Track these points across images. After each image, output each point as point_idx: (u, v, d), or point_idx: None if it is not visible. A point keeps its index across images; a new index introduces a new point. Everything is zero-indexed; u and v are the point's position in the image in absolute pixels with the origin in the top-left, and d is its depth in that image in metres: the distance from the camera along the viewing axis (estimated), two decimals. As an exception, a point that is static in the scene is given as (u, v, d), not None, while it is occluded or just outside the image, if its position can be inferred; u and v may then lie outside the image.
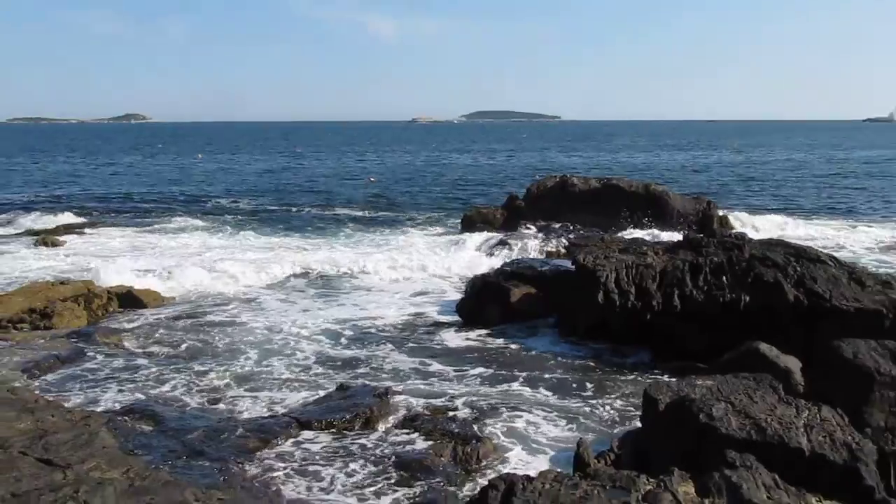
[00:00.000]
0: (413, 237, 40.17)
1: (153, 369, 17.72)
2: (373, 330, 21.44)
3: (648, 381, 13.41)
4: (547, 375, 17.54)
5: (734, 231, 32.30)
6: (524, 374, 17.71)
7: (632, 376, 17.22)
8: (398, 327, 21.76)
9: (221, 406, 15.62)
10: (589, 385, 16.84)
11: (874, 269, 24.49)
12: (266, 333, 20.57)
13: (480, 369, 18.01)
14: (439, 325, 21.78)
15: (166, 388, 16.49)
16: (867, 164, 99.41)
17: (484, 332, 21.06)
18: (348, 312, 23.45)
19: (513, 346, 19.77)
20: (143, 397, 15.87)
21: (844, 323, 16.52)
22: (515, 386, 16.87)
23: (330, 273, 28.10)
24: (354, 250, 34.84)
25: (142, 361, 18.32)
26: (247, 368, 17.86)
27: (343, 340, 20.50)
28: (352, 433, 13.80)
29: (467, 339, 20.62)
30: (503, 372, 17.83)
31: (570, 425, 14.68)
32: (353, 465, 12.46)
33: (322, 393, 16.16)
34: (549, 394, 16.37)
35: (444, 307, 23.60)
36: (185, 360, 18.51)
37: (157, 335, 20.53)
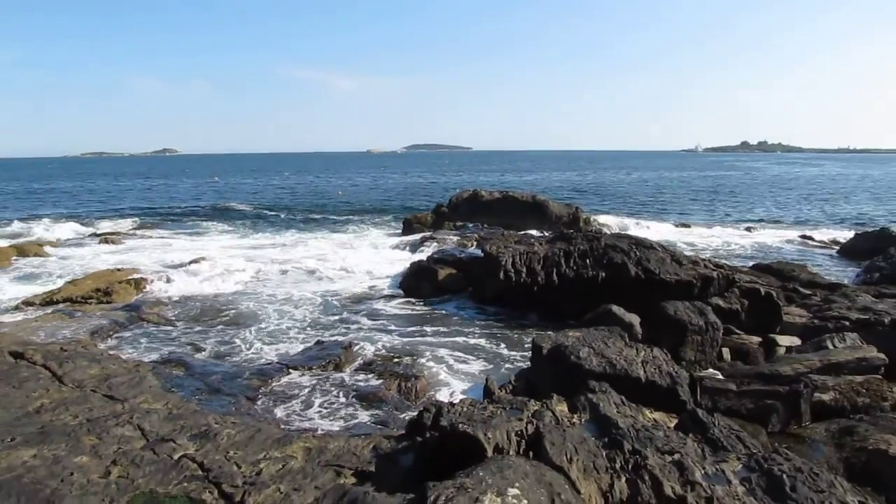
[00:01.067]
0: (370, 233, 40.50)
1: (184, 331, 17.70)
2: (340, 300, 21.42)
3: (536, 333, 13.66)
4: (465, 330, 17.69)
5: (594, 228, 32.90)
6: (448, 329, 17.87)
7: (524, 331, 17.42)
8: (359, 298, 21.75)
9: (233, 357, 15.64)
10: (494, 337, 17.05)
11: (688, 252, 25.28)
12: (264, 306, 20.48)
13: (417, 327, 18.09)
14: (388, 297, 21.82)
15: (193, 344, 16.46)
16: (682, 182, 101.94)
17: (420, 301, 21.14)
18: (324, 287, 23.47)
19: (440, 311, 19.87)
20: (178, 350, 15.85)
21: (668, 290, 17.00)
22: (442, 339, 16.95)
23: (309, 262, 27.96)
24: (329, 242, 34.86)
25: (176, 326, 18.27)
26: (252, 329, 17.84)
27: (319, 308, 20.47)
28: (325, 373, 13.93)
29: (407, 306, 20.72)
30: (433, 328, 17.93)
31: (481, 366, 14.89)
32: (326, 397, 12.57)
33: (303, 346, 16.23)
34: (467, 344, 16.51)
35: (391, 283, 23.72)
36: (206, 324, 18.49)
37: (187, 306, 20.43)
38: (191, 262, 26.28)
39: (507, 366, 14.89)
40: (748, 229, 42.68)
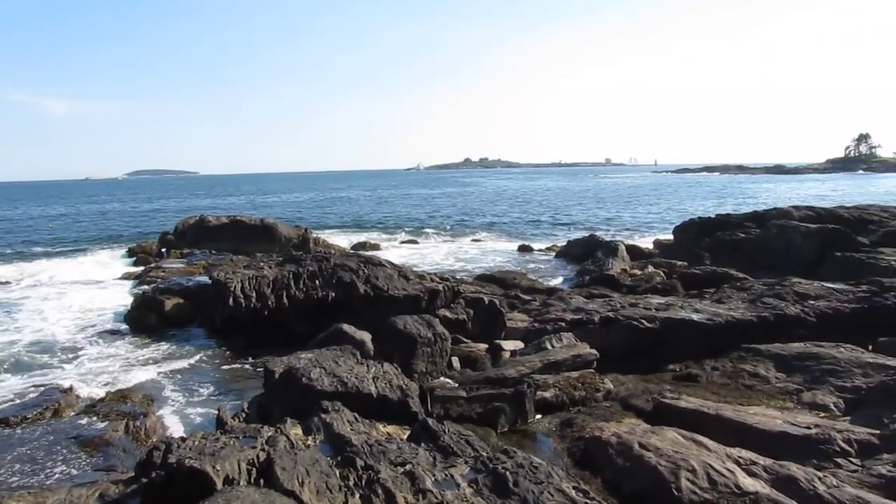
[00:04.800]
0: (90, 266, 37.33)
1: None
2: (57, 340, 19.71)
3: (268, 358, 13.44)
4: (196, 361, 16.98)
5: (322, 248, 33.06)
6: (178, 361, 17.05)
7: (257, 357, 17.04)
8: (78, 336, 20.16)
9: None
10: (226, 366, 16.59)
11: (425, 265, 26.12)
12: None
13: (145, 362, 17.12)
14: (112, 333, 20.41)
15: None
16: (406, 197, 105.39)
17: (147, 334, 19.93)
18: (36, 325, 21.51)
19: (169, 343, 18.85)
20: None
21: (397, 305, 17.43)
22: (172, 372, 16.13)
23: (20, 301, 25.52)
24: (46, 276, 32.16)
25: None
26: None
27: (34, 348, 18.72)
28: (42, 421, 12.70)
29: (134, 340, 19.49)
30: (162, 362, 17.03)
31: (213, 396, 14.39)
32: (44, 447, 11.40)
33: (14, 393, 14.69)
34: (198, 375, 15.90)
35: (115, 318, 22.25)
36: None
37: None
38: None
39: (240, 394, 14.48)
40: (475, 241, 44.98)
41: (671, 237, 35.93)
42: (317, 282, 19.01)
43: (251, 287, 19.14)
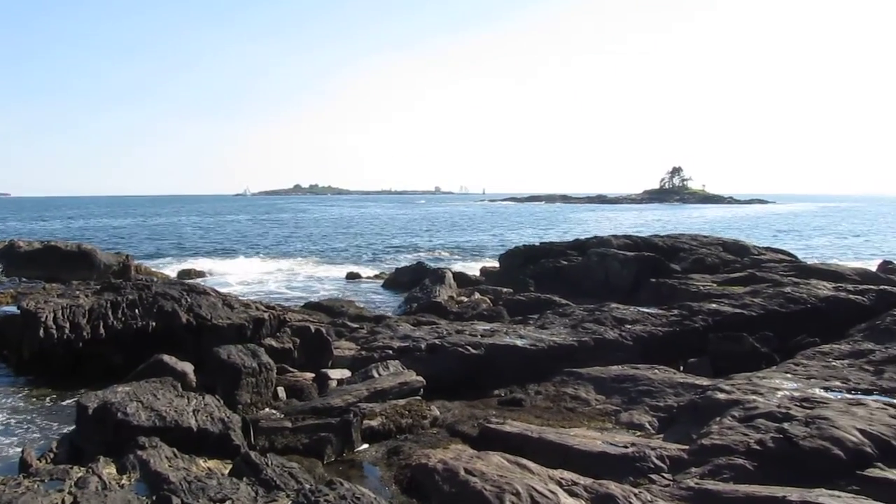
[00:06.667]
0: None
1: None
2: None
3: (82, 392, 12.65)
4: (-1, 400, 15.81)
5: (145, 276, 31.64)
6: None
7: (69, 392, 15.93)
8: None
9: None
10: (34, 403, 15.36)
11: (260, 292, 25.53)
12: None
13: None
14: None
15: None
16: (237, 223, 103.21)
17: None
18: None
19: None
20: None
21: (221, 335, 16.92)
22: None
23: None
24: None
25: None
26: None
27: None
28: None
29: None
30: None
31: (18, 437, 13.19)
32: None
33: None
34: (1, 415, 14.70)
35: None
36: None
37: None
38: None
39: (49, 433, 13.40)
40: (302, 268, 44.46)
41: (497, 264, 36.91)
42: (137, 311, 18.12)
43: (65, 317, 17.97)
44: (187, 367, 14.57)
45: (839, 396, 11.25)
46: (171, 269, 41.14)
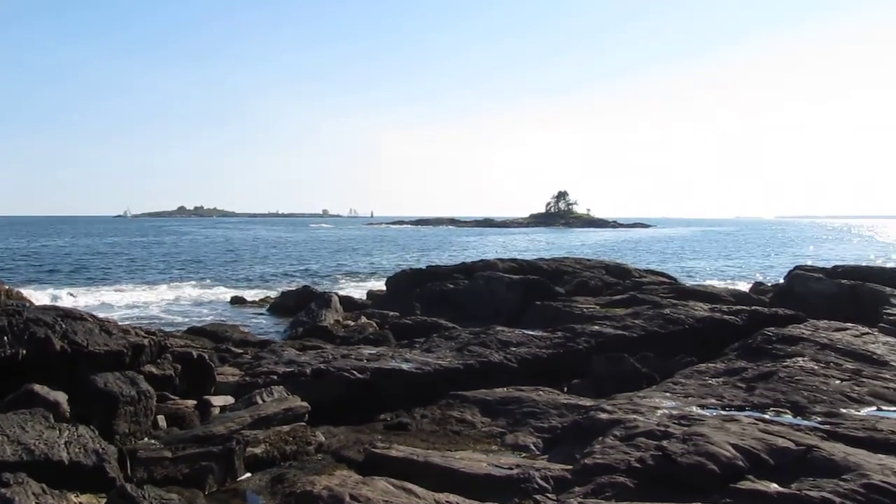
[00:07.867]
0: None
1: None
2: None
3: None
4: None
5: (16, 301, 30.04)
6: None
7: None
8: None
9: None
10: None
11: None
12: None
13: None
14: None
15: None
16: (117, 246, 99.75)
17: None
18: None
19: None
20: None
21: (99, 362, 16.13)
22: None
23: None
24: None
25: None
26: None
27: None
28: None
29: None
30: None
31: None
32: None
33: None
34: None
35: None
36: None
37: None
38: None
39: None
40: (184, 292, 43.15)
41: (384, 288, 36.84)
42: (5, 338, 17.04)
43: (-77, 346, 16.85)
44: (60, 397, 13.81)
45: (714, 413, 11.66)
46: (45, 294, 39.06)
